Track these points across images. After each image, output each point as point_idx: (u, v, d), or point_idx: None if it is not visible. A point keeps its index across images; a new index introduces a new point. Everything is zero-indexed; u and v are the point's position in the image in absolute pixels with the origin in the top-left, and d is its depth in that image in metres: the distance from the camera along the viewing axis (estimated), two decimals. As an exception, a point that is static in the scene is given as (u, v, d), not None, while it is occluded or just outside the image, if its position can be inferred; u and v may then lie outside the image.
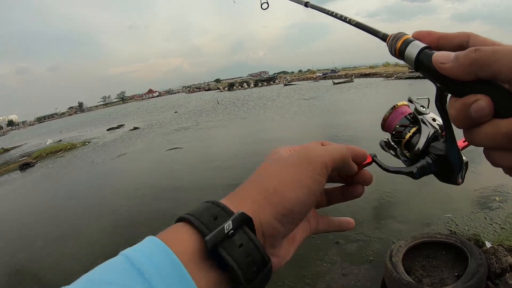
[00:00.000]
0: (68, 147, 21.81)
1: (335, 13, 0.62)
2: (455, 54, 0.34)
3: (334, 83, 46.21)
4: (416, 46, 0.39)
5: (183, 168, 10.71)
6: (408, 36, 0.41)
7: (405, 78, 36.69)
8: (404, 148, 0.55)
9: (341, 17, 0.59)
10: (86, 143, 22.81)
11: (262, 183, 0.43)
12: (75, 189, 10.95)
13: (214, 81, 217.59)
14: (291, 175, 0.42)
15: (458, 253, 3.36)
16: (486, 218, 4.84)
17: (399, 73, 42.50)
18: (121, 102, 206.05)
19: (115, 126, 32.08)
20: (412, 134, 0.53)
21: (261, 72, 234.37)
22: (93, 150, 18.56)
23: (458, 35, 0.38)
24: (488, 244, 3.95)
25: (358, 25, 0.53)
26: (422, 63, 0.38)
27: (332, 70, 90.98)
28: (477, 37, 0.37)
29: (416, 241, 3.62)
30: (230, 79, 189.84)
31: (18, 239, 7.32)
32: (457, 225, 4.75)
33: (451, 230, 4.62)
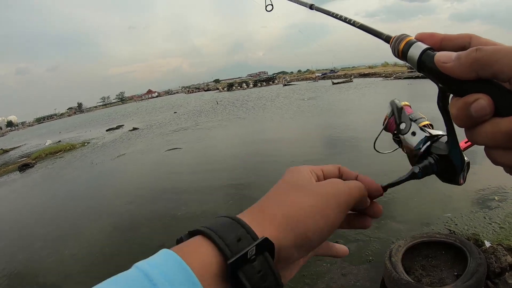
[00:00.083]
0: (68, 148, 21.79)
1: (340, 16, 0.62)
2: (457, 54, 0.34)
3: (333, 83, 46.26)
4: (419, 47, 0.39)
5: (183, 169, 10.71)
6: (411, 38, 0.41)
7: (404, 78, 36.75)
8: (405, 148, 0.55)
9: (346, 19, 0.60)
10: (86, 144, 22.79)
11: (290, 208, 0.42)
12: (75, 190, 10.93)
13: (213, 82, 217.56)
14: (320, 209, 0.42)
15: (458, 253, 3.36)
16: (485, 218, 4.85)
17: (398, 73, 42.57)
18: (120, 103, 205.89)
19: (115, 127, 32.07)
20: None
21: (260, 72, 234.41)
22: (93, 151, 18.54)
23: (460, 37, 0.38)
24: (488, 244, 3.95)
25: (363, 27, 0.54)
26: (425, 64, 0.38)
27: (331, 70, 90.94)
28: (479, 39, 0.37)
29: (416, 241, 3.62)
30: (229, 80, 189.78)
31: (18, 240, 7.31)
32: (457, 225, 4.75)
33: (451, 230, 4.62)
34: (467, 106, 0.33)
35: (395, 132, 0.57)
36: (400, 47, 0.41)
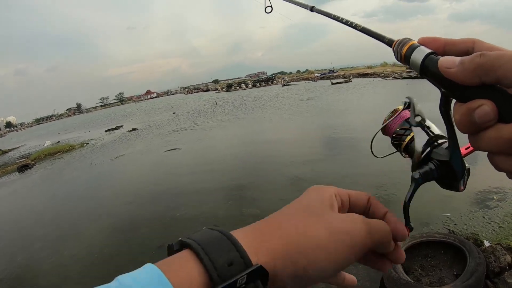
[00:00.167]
0: (67, 149, 21.78)
1: (341, 18, 0.61)
2: (461, 59, 0.34)
3: (332, 83, 46.30)
4: (422, 52, 0.39)
5: (182, 169, 10.71)
6: (414, 42, 0.41)
7: (403, 78, 36.77)
8: (404, 151, 0.55)
9: (347, 22, 0.59)
10: (85, 145, 22.78)
11: (294, 236, 0.38)
12: (74, 191, 10.93)
13: (212, 82, 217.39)
14: (328, 245, 0.38)
15: (457, 252, 3.37)
16: (485, 217, 4.85)
17: (397, 73, 42.59)
18: (119, 103, 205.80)
19: (114, 128, 32.10)
20: (412, 138, 0.53)
21: (259, 73, 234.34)
22: (92, 152, 18.53)
23: (464, 41, 0.38)
24: (487, 243, 3.96)
25: (364, 30, 0.53)
26: (428, 69, 0.38)
27: (330, 70, 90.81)
28: (482, 43, 0.37)
29: (415, 241, 3.62)
30: (228, 80, 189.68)
31: (17, 241, 7.30)
32: (456, 225, 4.76)
33: (450, 230, 4.63)
34: (471, 112, 0.33)
35: (394, 136, 0.57)
36: (403, 51, 0.41)
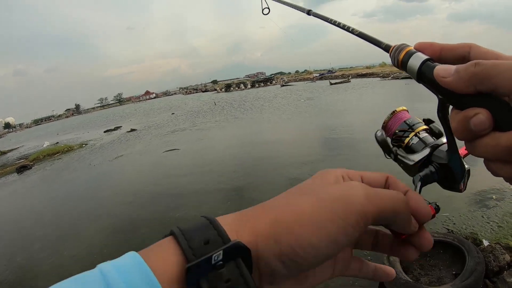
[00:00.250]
0: (65, 149, 21.74)
1: (338, 22, 0.62)
2: (456, 68, 0.34)
3: (331, 84, 46.29)
4: (419, 58, 0.39)
5: (181, 169, 10.69)
6: (411, 48, 0.41)
7: (402, 78, 36.71)
8: (405, 151, 0.55)
9: (344, 27, 0.59)
10: (83, 145, 22.74)
11: (278, 212, 0.35)
12: (73, 191, 10.91)
13: (211, 82, 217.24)
14: (315, 215, 0.34)
15: (456, 252, 3.37)
16: (483, 217, 4.85)
17: (396, 73, 42.54)
18: (118, 104, 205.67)
19: (112, 128, 32.05)
20: (411, 139, 0.54)
21: (258, 73, 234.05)
22: (91, 152, 18.50)
23: (460, 46, 0.38)
24: (486, 243, 3.96)
25: (361, 35, 0.53)
26: (425, 75, 0.38)
27: (329, 71, 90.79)
28: (479, 48, 0.37)
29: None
30: (227, 80, 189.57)
31: (17, 241, 7.29)
32: (455, 224, 4.76)
33: (449, 229, 4.63)
34: (467, 120, 0.33)
35: (393, 137, 0.57)
36: (400, 57, 0.41)
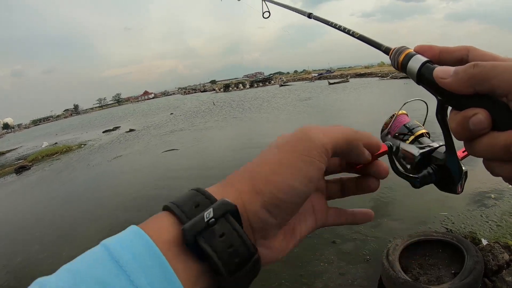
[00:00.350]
0: (64, 150, 21.69)
1: (339, 25, 0.62)
2: (455, 69, 0.35)
3: (330, 84, 46.28)
4: (418, 60, 0.40)
5: (180, 169, 10.69)
6: (410, 50, 0.42)
7: (400, 78, 36.74)
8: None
9: (345, 30, 0.60)
10: (82, 146, 22.70)
11: (253, 170, 0.39)
12: (72, 192, 10.90)
13: (210, 82, 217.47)
14: (284, 160, 0.38)
15: (455, 251, 3.38)
16: (482, 216, 4.86)
17: (394, 73, 42.55)
18: (117, 104, 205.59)
19: (111, 128, 31.98)
20: (410, 143, 0.54)
21: (257, 73, 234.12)
22: (89, 153, 18.47)
23: (458, 49, 0.39)
24: (485, 242, 3.97)
25: (361, 38, 0.54)
26: (424, 77, 0.39)
27: (328, 71, 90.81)
28: (477, 51, 0.38)
29: (413, 240, 3.64)
30: (226, 80, 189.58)
31: (15, 243, 7.28)
32: (453, 223, 4.77)
33: (448, 228, 4.64)
34: (466, 120, 0.34)
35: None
36: (400, 59, 0.42)
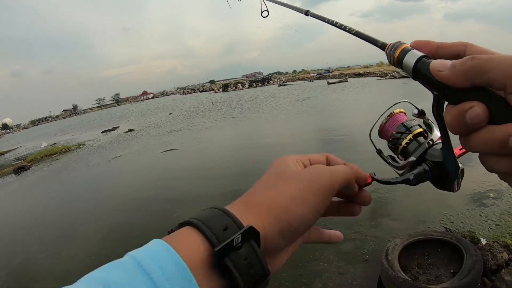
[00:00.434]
0: (63, 150, 21.65)
1: (335, 22, 0.62)
2: (452, 62, 0.35)
3: (329, 83, 46.25)
4: (414, 55, 0.40)
5: (179, 169, 10.70)
6: (407, 45, 0.41)
7: (399, 77, 36.81)
8: (401, 155, 0.55)
9: (341, 26, 0.60)
10: (81, 146, 22.67)
11: (273, 197, 0.43)
12: (71, 192, 10.88)
13: (209, 82, 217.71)
14: (301, 195, 0.43)
15: (454, 250, 3.38)
16: (481, 215, 4.87)
17: (393, 73, 42.62)
18: (116, 104, 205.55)
19: (110, 129, 31.93)
20: (408, 141, 0.54)
21: (256, 73, 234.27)
22: (88, 153, 18.44)
23: (455, 45, 0.39)
24: (484, 241, 3.98)
25: (358, 34, 0.54)
26: (420, 72, 0.39)
27: (327, 70, 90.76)
28: (474, 47, 0.38)
29: (412, 239, 3.64)
30: (225, 80, 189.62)
31: (15, 243, 7.26)
32: (452, 223, 4.77)
33: (447, 228, 4.64)
34: (462, 114, 0.34)
35: (390, 139, 0.57)
36: (396, 55, 0.42)
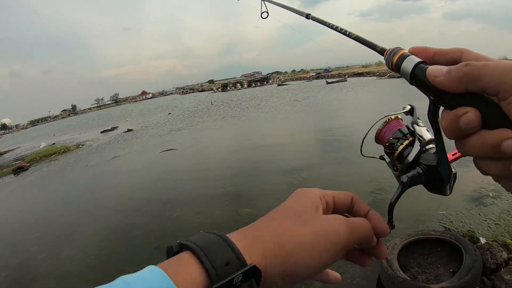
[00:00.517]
0: (62, 150, 21.60)
1: (335, 26, 0.63)
2: (448, 68, 0.36)
3: (328, 83, 46.22)
4: (412, 61, 0.40)
5: (178, 169, 10.69)
6: (405, 51, 0.42)
7: (398, 77, 36.63)
8: (397, 160, 0.56)
9: (341, 30, 0.61)
10: (80, 146, 22.63)
11: (283, 239, 0.42)
12: (70, 192, 10.86)
13: (208, 82, 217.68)
14: (313, 246, 0.41)
15: (453, 250, 3.38)
16: (480, 215, 4.87)
17: (392, 72, 42.50)
18: (115, 104, 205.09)
19: (109, 129, 31.88)
20: (405, 147, 0.54)
21: (255, 73, 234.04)
22: (87, 153, 18.41)
23: (452, 51, 0.40)
24: (483, 240, 3.98)
25: (357, 39, 0.55)
26: (417, 77, 0.40)
27: (326, 70, 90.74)
28: (470, 53, 0.38)
29: (411, 239, 3.64)
30: (224, 80, 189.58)
31: (14, 243, 7.24)
32: (452, 222, 4.78)
33: (446, 227, 4.65)
34: (457, 119, 0.35)
35: (387, 144, 0.58)
36: (394, 60, 0.43)
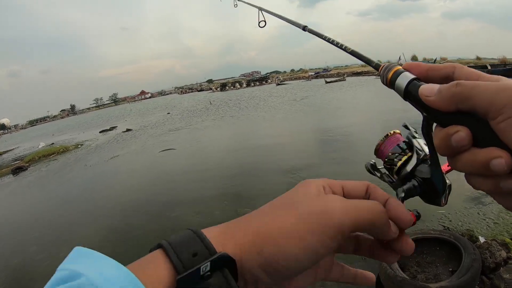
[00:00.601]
0: (61, 150, 21.61)
1: (332, 40, 0.65)
2: (439, 88, 0.36)
3: (327, 82, 46.22)
4: (406, 78, 0.42)
5: (177, 169, 10.69)
6: (399, 67, 0.43)
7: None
8: (396, 175, 0.57)
9: (337, 44, 0.62)
10: (79, 146, 22.63)
11: (263, 227, 0.38)
12: (69, 193, 10.85)
13: (207, 82, 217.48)
14: (296, 229, 0.36)
15: (452, 249, 3.38)
16: (479, 214, 4.88)
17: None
18: (114, 104, 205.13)
19: (108, 128, 31.90)
20: (404, 162, 0.55)
21: (254, 72, 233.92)
22: (86, 153, 18.41)
23: (445, 67, 0.40)
24: (482, 239, 3.98)
25: (353, 53, 0.58)
26: (411, 94, 0.41)
27: (325, 69, 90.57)
28: (463, 69, 0.39)
29: (410, 238, 3.63)
30: (223, 80, 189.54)
31: (12, 244, 7.24)
32: (451, 221, 4.78)
33: (445, 226, 4.65)
34: (448, 137, 0.35)
35: (386, 160, 0.58)
36: (388, 76, 0.44)
